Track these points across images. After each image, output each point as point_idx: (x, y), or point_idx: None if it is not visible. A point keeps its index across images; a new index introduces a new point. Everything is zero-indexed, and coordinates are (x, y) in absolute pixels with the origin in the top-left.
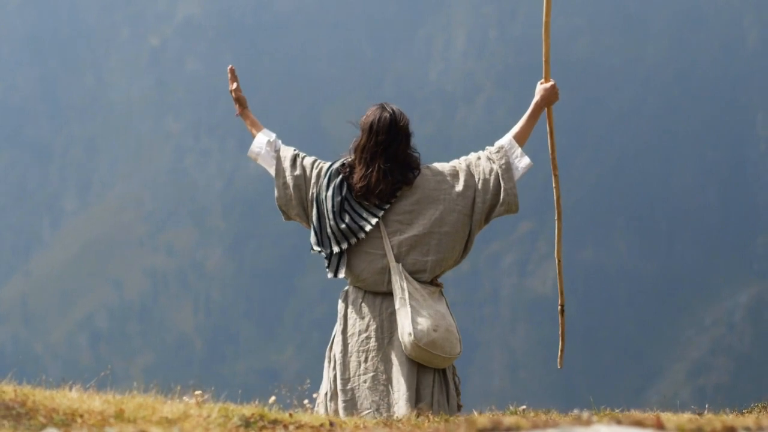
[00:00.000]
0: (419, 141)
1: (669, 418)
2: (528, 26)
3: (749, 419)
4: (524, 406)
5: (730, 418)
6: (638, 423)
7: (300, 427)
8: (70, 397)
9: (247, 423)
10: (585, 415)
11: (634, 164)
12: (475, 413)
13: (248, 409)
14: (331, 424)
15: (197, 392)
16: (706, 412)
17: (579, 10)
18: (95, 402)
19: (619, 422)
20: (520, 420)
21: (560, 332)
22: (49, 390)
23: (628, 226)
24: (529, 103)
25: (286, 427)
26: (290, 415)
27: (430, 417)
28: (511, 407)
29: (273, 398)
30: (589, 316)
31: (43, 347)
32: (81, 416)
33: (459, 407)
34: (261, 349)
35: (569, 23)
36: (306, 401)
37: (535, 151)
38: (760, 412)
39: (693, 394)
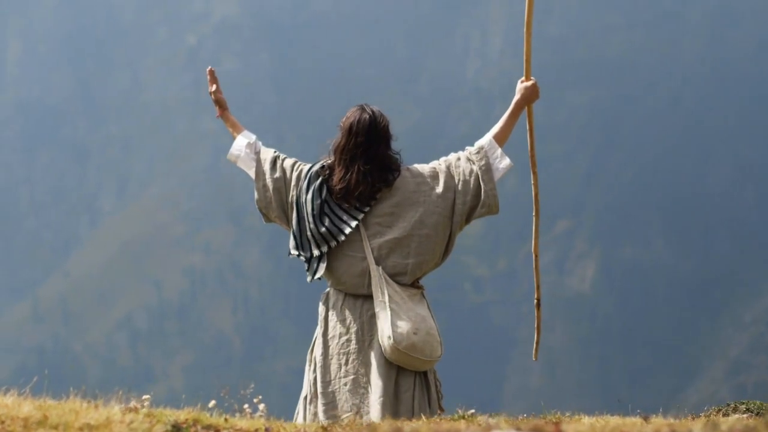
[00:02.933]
0: (456, 139)
1: (571, 424)
2: (563, 25)
3: (658, 423)
4: (473, 410)
5: (642, 422)
6: (536, 428)
7: (235, 431)
8: (2, 403)
9: (178, 428)
10: (492, 421)
11: (671, 162)
12: (451, 416)
13: (184, 414)
14: (267, 429)
15: (145, 396)
16: (655, 416)
17: (614, 7)
18: (25, 408)
19: (518, 428)
20: (422, 426)
21: (536, 325)
22: None
23: (665, 224)
24: (567, 102)
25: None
26: (225, 419)
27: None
28: (459, 411)
29: (213, 402)
30: (626, 314)
31: (82, 347)
32: (2, 422)
33: (441, 410)
34: (299, 347)
35: (605, 21)
36: (246, 405)
37: (568, 149)
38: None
39: (732, 392)
